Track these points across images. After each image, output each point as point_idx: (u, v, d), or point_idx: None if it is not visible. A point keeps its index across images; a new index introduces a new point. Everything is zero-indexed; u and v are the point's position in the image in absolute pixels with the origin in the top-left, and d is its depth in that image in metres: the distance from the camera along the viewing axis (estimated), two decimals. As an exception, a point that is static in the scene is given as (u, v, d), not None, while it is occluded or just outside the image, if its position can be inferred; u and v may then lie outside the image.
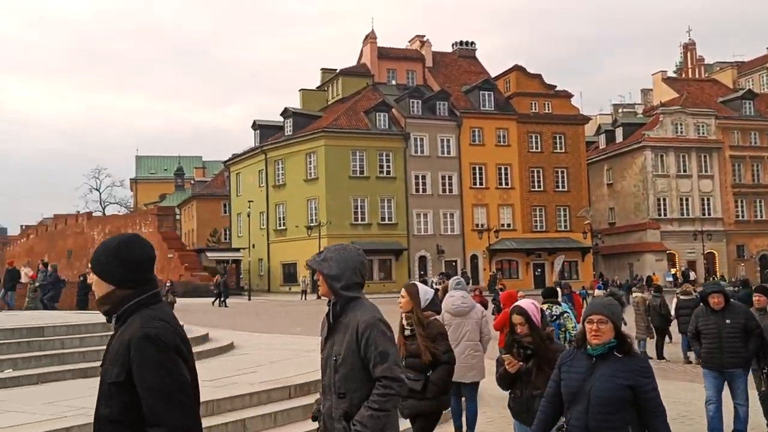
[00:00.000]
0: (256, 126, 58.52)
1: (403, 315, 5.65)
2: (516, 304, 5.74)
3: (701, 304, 8.12)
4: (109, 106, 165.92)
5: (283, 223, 53.80)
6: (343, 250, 3.62)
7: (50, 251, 62.49)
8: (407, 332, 5.61)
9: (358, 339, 3.43)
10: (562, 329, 9.20)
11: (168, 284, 29.68)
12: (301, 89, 60.77)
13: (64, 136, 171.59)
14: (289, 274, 52.80)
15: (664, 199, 59.56)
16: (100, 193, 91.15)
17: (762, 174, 62.23)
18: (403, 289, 5.78)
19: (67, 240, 65.45)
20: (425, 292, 5.77)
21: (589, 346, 3.90)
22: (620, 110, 77.70)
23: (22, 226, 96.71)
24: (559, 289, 16.07)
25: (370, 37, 60.22)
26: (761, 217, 62.03)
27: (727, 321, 7.62)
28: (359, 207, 51.71)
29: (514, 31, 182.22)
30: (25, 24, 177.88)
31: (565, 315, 9.59)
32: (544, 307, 10.16)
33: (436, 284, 23.22)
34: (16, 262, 30.98)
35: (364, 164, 52.03)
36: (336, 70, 60.39)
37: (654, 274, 52.18)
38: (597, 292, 32.13)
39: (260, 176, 55.91)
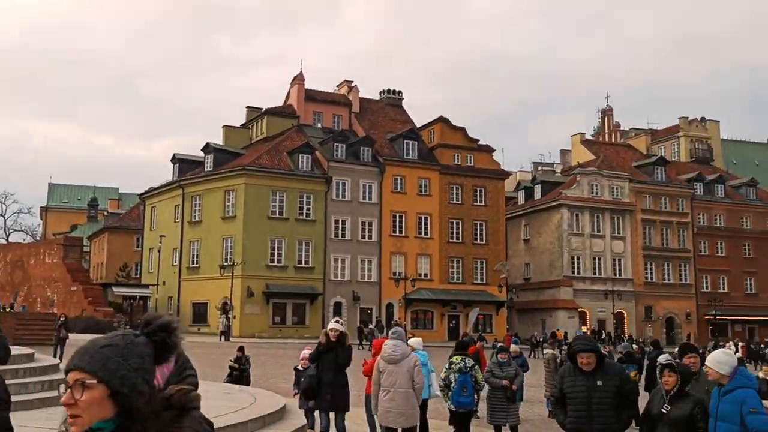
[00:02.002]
0: (175, 159, 56.94)
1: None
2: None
3: (569, 362, 6.71)
4: (28, 132, 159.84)
5: (197, 261, 52.14)
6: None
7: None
8: None
9: None
10: (473, 380, 10.32)
11: (61, 318, 27.86)
12: (225, 125, 59.83)
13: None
14: (200, 314, 50.98)
15: (578, 258, 60.75)
16: (5, 219, 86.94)
17: (671, 238, 64.36)
18: None
19: (-38, 266, 61.73)
20: None
21: None
22: (540, 168, 79.73)
23: None
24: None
25: (298, 79, 60.01)
26: (669, 280, 63.93)
27: (599, 383, 6.29)
28: (276, 248, 50.68)
29: (444, 86, 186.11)
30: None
31: (476, 367, 10.64)
32: (457, 359, 10.12)
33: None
34: None
35: (284, 205, 51.21)
36: (261, 109, 59.75)
37: (558, 329, 52.95)
38: (513, 347, 31.98)
39: (176, 211, 54.22)
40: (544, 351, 21.17)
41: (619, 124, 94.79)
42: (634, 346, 21.66)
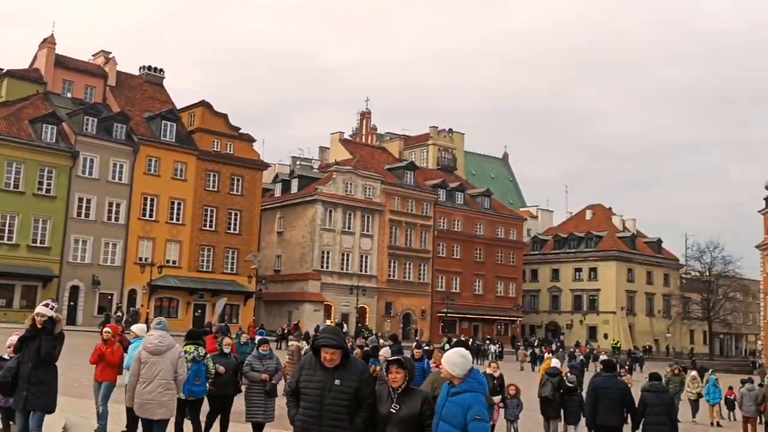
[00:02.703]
0: None
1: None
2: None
3: (312, 353, 6.11)
4: None
5: None
6: None
7: None
8: None
9: None
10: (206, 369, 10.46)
11: None
12: (-45, 83, 53.36)
13: None
14: None
15: (328, 253, 62.56)
16: None
17: (414, 239, 68.61)
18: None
19: None
20: None
21: None
22: (298, 163, 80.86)
23: None
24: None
25: (49, 42, 55.17)
26: (409, 278, 68.11)
27: (337, 382, 5.79)
28: (7, 225, 46.29)
29: (209, 71, 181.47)
30: None
31: (209, 356, 10.80)
32: (190, 349, 10.05)
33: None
34: None
35: (20, 177, 46.92)
36: (2, 69, 54.15)
37: (300, 321, 54.43)
38: (258, 338, 32.15)
39: None
40: (289, 343, 21.57)
41: (376, 127, 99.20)
42: (381, 341, 22.86)
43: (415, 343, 15.64)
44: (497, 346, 53.27)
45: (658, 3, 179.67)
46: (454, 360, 5.87)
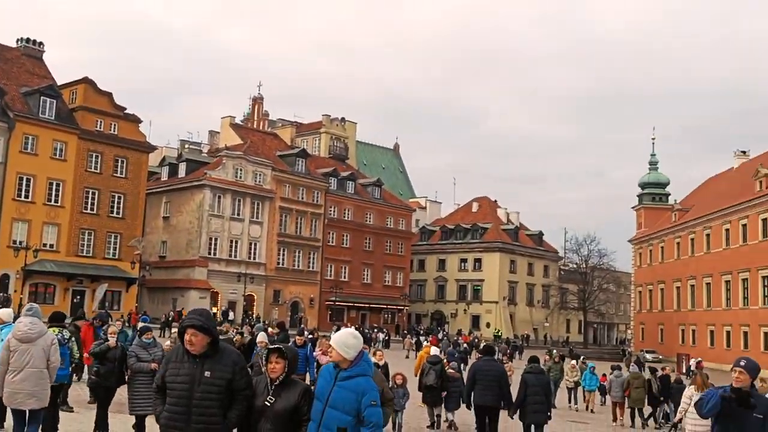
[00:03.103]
0: None
1: None
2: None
3: (179, 344, 5.45)
4: None
5: None
6: None
7: None
8: None
9: None
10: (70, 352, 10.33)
11: None
12: None
13: None
14: None
15: (216, 239, 61.44)
16: None
17: (304, 227, 68.38)
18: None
19: None
20: None
21: None
22: (187, 146, 78.81)
23: None
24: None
25: None
26: (298, 266, 67.90)
27: (207, 374, 5.20)
28: None
29: (93, 47, 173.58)
30: None
31: (73, 339, 10.65)
32: (54, 331, 9.74)
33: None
34: None
35: None
36: None
37: (184, 308, 53.24)
38: (140, 324, 31.25)
39: None
40: (172, 330, 21.11)
41: (268, 114, 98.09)
42: (270, 329, 22.67)
43: (297, 330, 15.71)
44: (384, 334, 54.01)
45: (545, 4, 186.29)
46: (347, 341, 5.39)
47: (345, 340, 5.41)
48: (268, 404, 5.25)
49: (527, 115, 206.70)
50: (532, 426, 12.20)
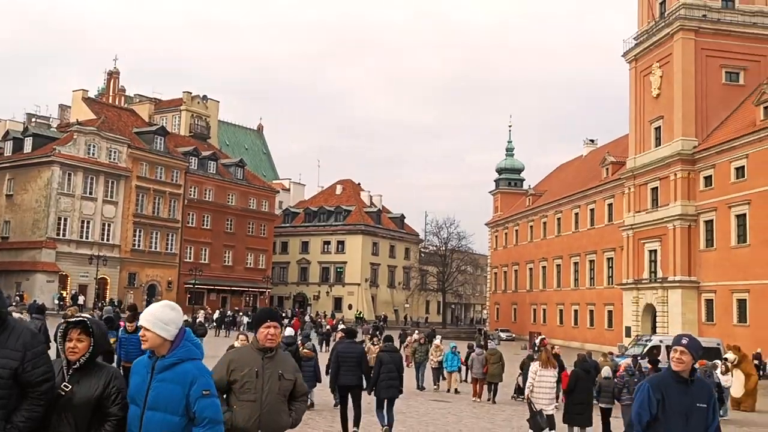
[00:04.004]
0: None
1: None
2: None
3: None
4: None
5: None
6: None
7: None
8: None
9: None
10: None
11: None
12: None
13: None
14: None
15: (66, 219, 58.03)
16: None
17: (162, 208, 65.89)
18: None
19: None
20: None
21: None
22: (34, 120, 73.83)
23: None
24: None
25: None
26: (156, 248, 65.41)
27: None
28: None
29: None
30: None
31: None
32: None
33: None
34: None
35: None
36: None
37: (25, 292, 50.45)
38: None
39: None
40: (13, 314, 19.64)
41: (125, 89, 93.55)
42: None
43: (127, 315, 13.88)
44: (249, 318, 53.08)
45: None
46: (164, 315, 4.16)
47: (160, 315, 4.14)
48: (63, 393, 3.98)
49: (392, 101, 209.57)
50: (385, 401, 12.82)
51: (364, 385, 12.96)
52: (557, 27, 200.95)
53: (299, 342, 16.43)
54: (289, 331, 16.95)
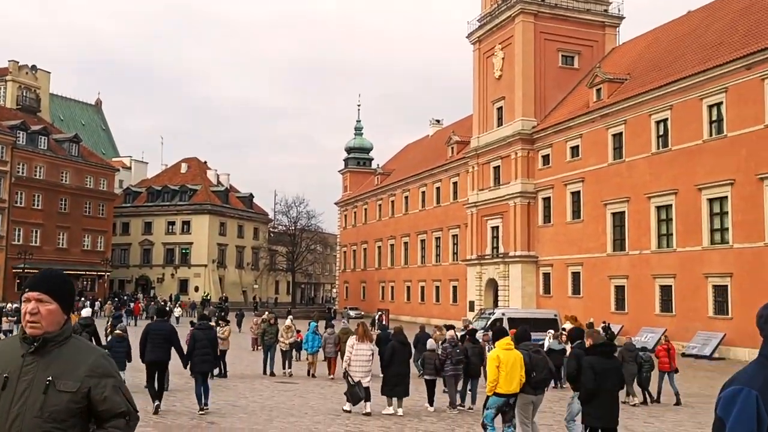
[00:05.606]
0: None
1: None
2: None
3: None
4: None
5: None
6: None
7: None
8: None
9: None
10: None
11: None
12: None
13: None
14: None
15: None
16: None
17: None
18: None
19: None
20: None
21: None
22: None
23: None
24: None
25: None
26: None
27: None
28: None
29: None
30: None
31: None
32: None
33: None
34: None
35: None
36: None
37: None
38: None
39: None
40: None
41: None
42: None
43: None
44: (90, 302, 50.08)
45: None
46: None
47: None
48: None
49: (243, 83, 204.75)
50: (199, 375, 13.84)
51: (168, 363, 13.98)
52: (405, 11, 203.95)
53: (109, 323, 16.88)
54: (85, 312, 16.70)
